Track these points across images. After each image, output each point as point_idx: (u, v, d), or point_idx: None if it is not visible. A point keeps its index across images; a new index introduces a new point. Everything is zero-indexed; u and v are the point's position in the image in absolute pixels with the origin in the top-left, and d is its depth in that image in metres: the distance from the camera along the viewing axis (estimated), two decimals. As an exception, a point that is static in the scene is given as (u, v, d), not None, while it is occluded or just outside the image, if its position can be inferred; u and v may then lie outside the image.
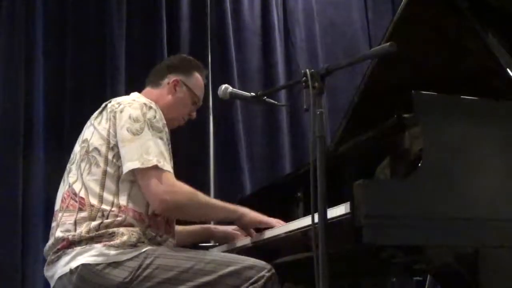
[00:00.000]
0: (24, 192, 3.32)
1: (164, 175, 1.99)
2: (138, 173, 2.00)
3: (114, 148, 2.04)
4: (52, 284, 2.04)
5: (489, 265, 1.84)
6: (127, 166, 1.99)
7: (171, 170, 2.03)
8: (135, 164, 1.98)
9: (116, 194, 2.01)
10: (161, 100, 2.24)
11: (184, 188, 2.04)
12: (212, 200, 2.18)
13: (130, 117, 2.04)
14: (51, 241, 2.04)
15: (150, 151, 1.99)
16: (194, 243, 2.49)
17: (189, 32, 3.91)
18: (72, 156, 2.19)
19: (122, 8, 3.71)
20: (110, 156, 2.04)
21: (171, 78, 2.31)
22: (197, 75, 2.37)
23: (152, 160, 1.98)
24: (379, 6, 4.61)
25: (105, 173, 2.02)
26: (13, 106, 3.38)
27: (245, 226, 2.26)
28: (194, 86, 2.35)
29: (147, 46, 3.75)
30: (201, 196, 2.11)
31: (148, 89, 2.34)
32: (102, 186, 2.01)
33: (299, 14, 4.34)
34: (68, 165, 2.18)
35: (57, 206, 2.13)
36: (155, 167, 1.98)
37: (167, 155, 2.04)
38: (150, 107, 2.09)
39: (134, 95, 2.26)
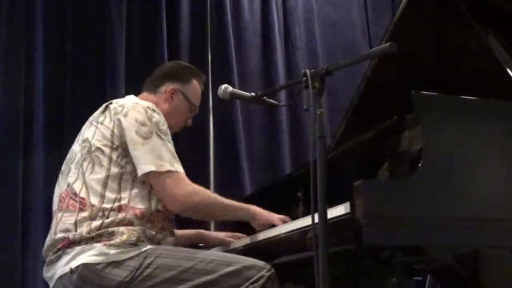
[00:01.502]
0: (24, 192, 3.31)
1: (179, 177, 2.05)
2: (152, 176, 2.03)
3: (118, 148, 2.06)
4: (51, 285, 2.04)
5: (489, 265, 1.84)
6: (143, 169, 2.02)
7: (183, 171, 2.08)
8: (150, 167, 2.02)
9: (118, 192, 2.02)
10: (158, 107, 2.24)
11: (201, 190, 2.11)
12: (227, 201, 2.20)
13: (136, 121, 2.07)
14: (50, 241, 2.04)
15: (163, 156, 2.04)
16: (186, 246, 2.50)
17: (189, 32, 3.90)
18: (70, 156, 2.19)
19: (122, 8, 3.70)
20: (114, 156, 2.06)
21: (168, 86, 2.33)
22: (195, 83, 2.39)
23: (165, 165, 2.03)
24: (379, 6, 4.61)
25: (108, 172, 2.04)
26: (13, 106, 3.38)
27: (259, 226, 2.26)
28: (191, 94, 2.37)
29: (147, 46, 3.75)
30: (217, 197, 2.17)
31: (145, 94, 2.35)
32: (105, 185, 2.02)
33: (299, 14, 4.34)
34: (64, 165, 2.19)
35: (55, 206, 2.13)
36: (169, 172, 2.03)
37: (176, 156, 2.09)
38: (154, 110, 2.13)
39: (134, 98, 2.26)
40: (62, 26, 3.63)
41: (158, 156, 2.03)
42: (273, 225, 2.20)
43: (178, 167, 2.07)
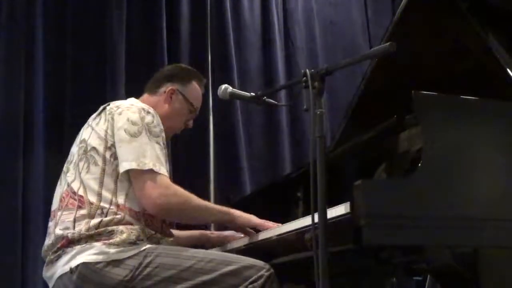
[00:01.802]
0: (24, 192, 3.31)
1: (159, 178, 2.02)
2: (133, 174, 2.02)
3: (111, 147, 2.06)
4: (50, 285, 2.04)
5: (489, 265, 1.84)
6: (123, 166, 2.01)
7: (167, 174, 2.06)
8: (132, 165, 2.00)
9: (115, 192, 2.02)
10: (158, 108, 2.25)
11: (178, 191, 2.07)
12: (205, 203, 2.19)
13: (128, 120, 2.07)
14: (49, 240, 2.05)
15: (147, 155, 2.02)
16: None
17: (189, 32, 3.90)
18: (69, 156, 2.21)
19: (122, 8, 3.71)
20: (107, 155, 2.06)
21: (167, 87, 2.33)
22: (194, 84, 2.39)
23: (148, 163, 2.01)
24: (379, 6, 4.61)
25: (103, 171, 2.04)
26: (13, 106, 3.38)
27: (239, 228, 2.26)
28: (190, 95, 2.36)
29: (147, 46, 3.75)
30: (194, 199, 2.12)
31: (145, 96, 2.36)
32: (101, 184, 2.02)
33: (299, 14, 4.34)
34: (65, 166, 2.20)
35: (54, 205, 2.14)
36: (151, 171, 2.01)
37: (163, 160, 2.07)
38: (148, 112, 2.12)
39: (132, 100, 2.27)
40: (62, 26, 3.63)
41: (142, 154, 2.02)
42: (254, 228, 2.20)
43: (161, 169, 2.03)
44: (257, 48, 4.13)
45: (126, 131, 2.05)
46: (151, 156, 2.03)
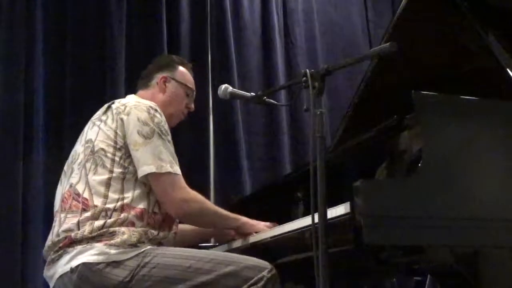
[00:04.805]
0: (24, 192, 3.31)
1: (178, 181, 2.08)
2: (152, 177, 2.05)
3: (121, 149, 2.08)
4: (51, 285, 2.04)
5: (489, 265, 1.84)
6: (144, 170, 2.04)
7: (181, 173, 2.10)
8: (151, 168, 2.04)
9: (121, 192, 2.03)
10: (156, 99, 2.28)
11: (198, 197, 2.14)
12: (218, 209, 2.24)
13: (139, 120, 2.09)
14: (51, 241, 2.04)
15: (163, 157, 2.06)
16: (198, 242, 2.51)
17: (189, 32, 3.91)
18: (72, 156, 2.20)
19: (122, 8, 3.71)
20: (117, 158, 2.07)
21: (158, 77, 2.37)
22: (181, 68, 2.43)
23: (166, 166, 2.05)
24: (379, 6, 4.62)
25: (111, 173, 2.05)
26: (13, 106, 3.38)
27: (245, 234, 2.27)
28: (182, 78, 2.41)
29: (147, 46, 3.75)
30: (210, 205, 2.22)
31: (140, 92, 2.39)
32: (108, 186, 2.03)
33: (299, 14, 4.34)
34: (67, 165, 2.19)
35: (56, 206, 2.14)
36: (168, 173, 2.05)
37: (176, 157, 2.12)
38: (156, 110, 2.15)
39: (135, 97, 2.29)
40: (62, 26, 3.63)
41: (158, 157, 2.05)
42: None
43: (177, 170, 2.09)
44: (257, 48, 4.14)
45: (139, 133, 2.07)
46: (167, 158, 2.07)
